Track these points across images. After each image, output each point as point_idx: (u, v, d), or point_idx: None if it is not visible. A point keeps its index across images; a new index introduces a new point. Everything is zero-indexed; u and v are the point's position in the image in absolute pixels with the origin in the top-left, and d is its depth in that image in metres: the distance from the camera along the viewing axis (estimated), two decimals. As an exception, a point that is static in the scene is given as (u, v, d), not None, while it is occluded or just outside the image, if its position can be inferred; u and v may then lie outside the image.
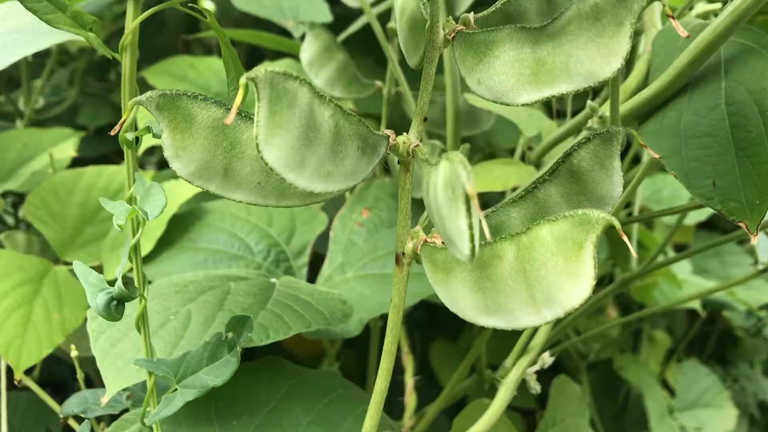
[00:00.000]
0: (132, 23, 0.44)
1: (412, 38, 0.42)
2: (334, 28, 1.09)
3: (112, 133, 0.39)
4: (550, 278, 0.35)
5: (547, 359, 0.63)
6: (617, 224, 0.33)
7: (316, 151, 0.35)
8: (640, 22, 0.59)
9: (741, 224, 0.43)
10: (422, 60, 0.41)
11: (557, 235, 0.35)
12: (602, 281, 1.28)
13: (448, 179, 0.31)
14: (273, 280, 0.67)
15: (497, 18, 0.41)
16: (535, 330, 0.66)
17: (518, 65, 0.36)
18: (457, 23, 0.41)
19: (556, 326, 0.80)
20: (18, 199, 1.15)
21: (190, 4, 0.45)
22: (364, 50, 1.10)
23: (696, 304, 1.24)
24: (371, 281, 0.72)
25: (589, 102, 0.52)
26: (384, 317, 0.55)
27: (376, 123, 1.06)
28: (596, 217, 0.34)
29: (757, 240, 0.97)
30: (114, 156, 1.33)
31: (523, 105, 0.37)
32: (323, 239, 0.82)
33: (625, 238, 0.33)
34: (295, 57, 1.05)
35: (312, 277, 0.79)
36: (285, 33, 1.12)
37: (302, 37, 0.85)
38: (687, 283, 1.22)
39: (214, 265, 0.76)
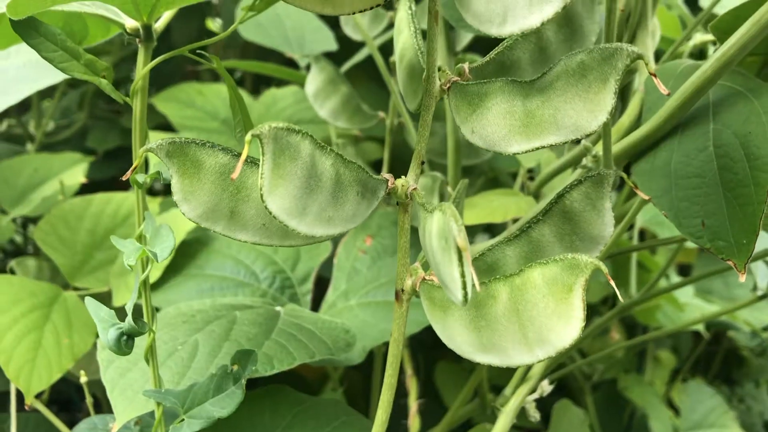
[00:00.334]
0: (142, 70, 0.46)
1: (410, 85, 0.44)
2: (339, 52, 1.12)
3: (124, 178, 0.40)
4: (541, 319, 0.37)
5: (546, 387, 0.65)
6: (604, 269, 0.35)
7: (317, 198, 0.37)
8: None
9: (729, 262, 0.44)
10: (420, 106, 0.43)
11: (548, 278, 0.37)
12: (606, 301, 1.29)
13: (441, 230, 0.33)
14: (278, 308, 0.69)
15: (492, 67, 0.43)
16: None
17: (509, 117, 0.38)
18: (454, 67, 0.43)
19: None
20: (28, 219, 1.17)
21: (198, 51, 0.47)
22: (369, 75, 1.13)
23: (700, 327, 1.25)
24: (374, 309, 0.74)
25: (583, 142, 0.54)
26: (387, 344, 0.57)
27: (380, 145, 1.08)
28: (585, 262, 0.35)
29: (756, 267, 0.98)
30: (122, 175, 1.35)
31: (514, 154, 0.38)
32: (328, 262, 0.84)
33: (612, 282, 0.35)
34: (300, 84, 1.08)
35: (317, 300, 0.81)
36: (291, 59, 1.14)
37: (307, 67, 0.87)
38: (689, 306, 1.23)
39: (220, 292, 0.77)
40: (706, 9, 0.73)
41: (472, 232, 1.06)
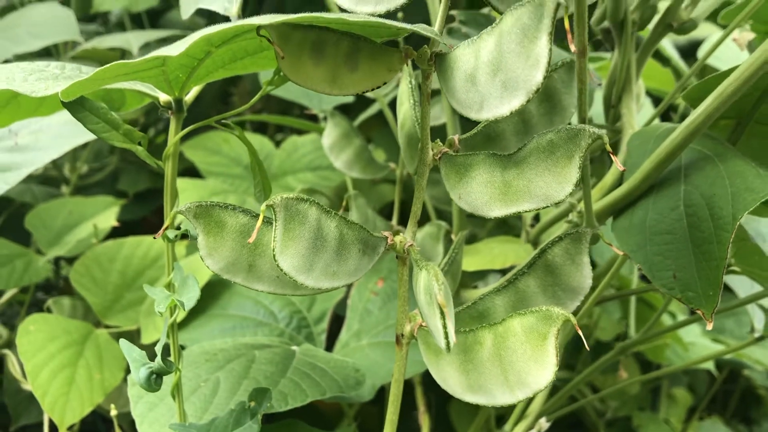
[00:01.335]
0: (174, 138, 0.52)
1: (409, 151, 0.50)
2: (355, 103, 1.18)
3: (156, 237, 0.46)
4: (520, 363, 0.42)
5: (543, 425, 0.69)
6: (574, 320, 0.40)
7: (323, 256, 0.42)
8: (619, 122, 0.66)
9: (698, 311, 0.49)
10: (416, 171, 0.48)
11: (526, 327, 0.42)
12: (618, 339, 1.32)
13: (426, 287, 0.38)
14: (294, 348, 0.74)
15: (479, 138, 0.49)
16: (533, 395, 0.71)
17: (490, 186, 0.43)
18: (447, 138, 0.49)
19: (565, 385, 0.85)
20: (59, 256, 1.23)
21: (223, 121, 0.53)
22: (383, 120, 1.19)
23: (710, 365, 1.27)
24: (384, 349, 0.79)
25: (569, 199, 0.59)
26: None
27: (393, 185, 1.13)
28: (557, 313, 0.40)
29: (753, 309, 1.01)
30: (152, 216, 1.42)
31: (495, 218, 0.44)
32: (343, 302, 0.89)
33: (579, 331, 0.39)
34: (319, 132, 1.14)
35: (333, 335, 0.86)
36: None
37: (325, 117, 0.93)
38: (695, 345, 1.26)
39: (241, 331, 0.83)
40: (699, 61, 0.77)
41: (484, 272, 1.10)
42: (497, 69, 0.37)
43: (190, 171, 1.26)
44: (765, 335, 0.91)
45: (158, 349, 0.50)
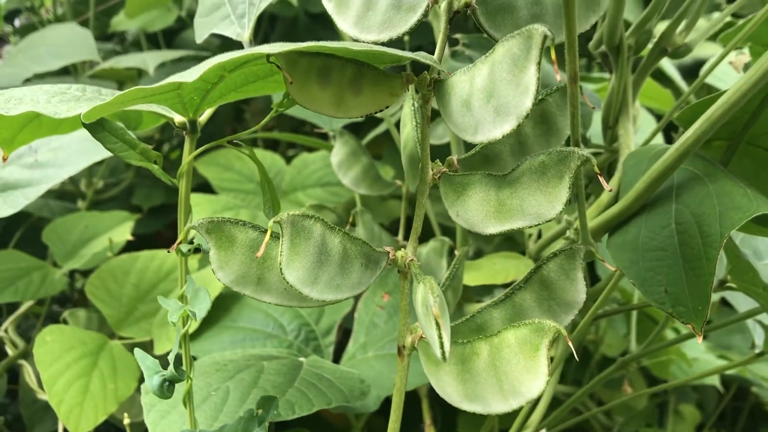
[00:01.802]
0: (188, 157, 0.54)
1: (410, 170, 0.52)
2: (364, 122, 1.21)
3: (170, 251, 0.49)
4: (514, 373, 0.44)
5: (544, 436, 0.70)
6: (564, 332, 0.42)
7: (327, 270, 0.45)
8: (617, 143, 0.68)
9: (689, 325, 0.50)
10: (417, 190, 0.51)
11: (519, 339, 0.44)
12: (623, 355, 1.33)
13: (423, 299, 0.40)
14: (301, 359, 0.76)
15: (477, 158, 0.51)
16: (534, 405, 0.73)
17: (485, 204, 0.46)
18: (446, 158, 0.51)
19: (570, 397, 0.87)
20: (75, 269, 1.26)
21: (234, 141, 0.55)
22: (392, 138, 1.22)
23: (714, 380, 1.28)
24: (389, 361, 0.81)
25: (565, 217, 0.61)
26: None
27: (401, 201, 1.16)
28: (549, 326, 0.43)
29: (754, 325, 1.02)
30: (166, 230, 1.45)
31: (490, 234, 0.46)
32: (351, 315, 0.91)
33: (570, 343, 0.42)
34: (329, 149, 1.17)
35: (340, 350, 0.88)
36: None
37: (335, 136, 0.96)
38: (699, 361, 1.27)
39: (251, 343, 0.85)
40: (696, 82, 0.79)
41: (490, 287, 1.12)
42: (490, 95, 0.40)
43: (203, 186, 1.29)
44: (765, 351, 0.93)
45: (171, 358, 0.53)
